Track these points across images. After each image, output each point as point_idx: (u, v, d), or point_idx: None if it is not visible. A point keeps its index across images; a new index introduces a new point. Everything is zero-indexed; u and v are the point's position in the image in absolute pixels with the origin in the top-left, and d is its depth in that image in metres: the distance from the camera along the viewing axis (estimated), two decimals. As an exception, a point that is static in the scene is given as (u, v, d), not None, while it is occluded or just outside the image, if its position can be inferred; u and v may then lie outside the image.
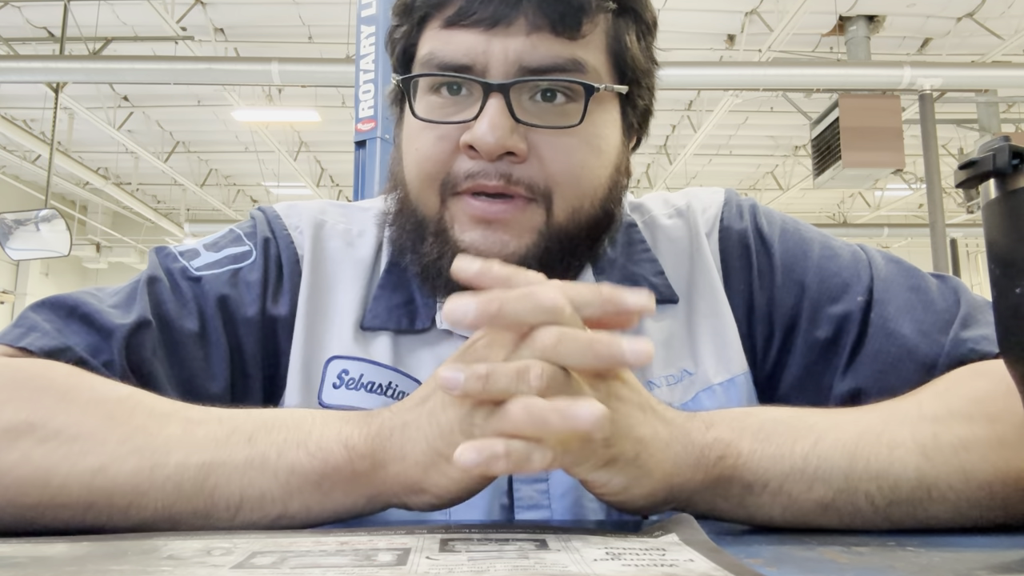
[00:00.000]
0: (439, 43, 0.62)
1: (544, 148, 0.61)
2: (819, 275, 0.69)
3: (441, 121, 0.62)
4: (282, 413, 0.52)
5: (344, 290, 0.69)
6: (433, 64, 0.62)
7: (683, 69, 5.58)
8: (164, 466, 0.48)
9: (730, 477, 0.50)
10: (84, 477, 0.48)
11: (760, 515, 0.51)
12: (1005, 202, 0.40)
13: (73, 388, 0.52)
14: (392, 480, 0.48)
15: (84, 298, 0.62)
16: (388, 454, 0.48)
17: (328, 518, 0.50)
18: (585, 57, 0.61)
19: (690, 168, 9.84)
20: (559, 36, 0.60)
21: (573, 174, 0.62)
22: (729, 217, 0.73)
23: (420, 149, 0.63)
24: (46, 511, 0.48)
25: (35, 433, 0.49)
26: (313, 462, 0.48)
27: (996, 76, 5.86)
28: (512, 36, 0.60)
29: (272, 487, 0.48)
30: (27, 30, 6.46)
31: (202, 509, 0.48)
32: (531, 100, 0.61)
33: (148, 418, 0.51)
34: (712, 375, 0.67)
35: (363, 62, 2.73)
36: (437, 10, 0.62)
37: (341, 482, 0.48)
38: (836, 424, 0.53)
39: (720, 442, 0.51)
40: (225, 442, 0.49)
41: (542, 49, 0.60)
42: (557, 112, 0.61)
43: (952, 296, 0.66)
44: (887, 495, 0.51)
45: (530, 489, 0.63)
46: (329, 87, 6.51)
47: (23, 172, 10.19)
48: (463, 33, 0.60)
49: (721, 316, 0.69)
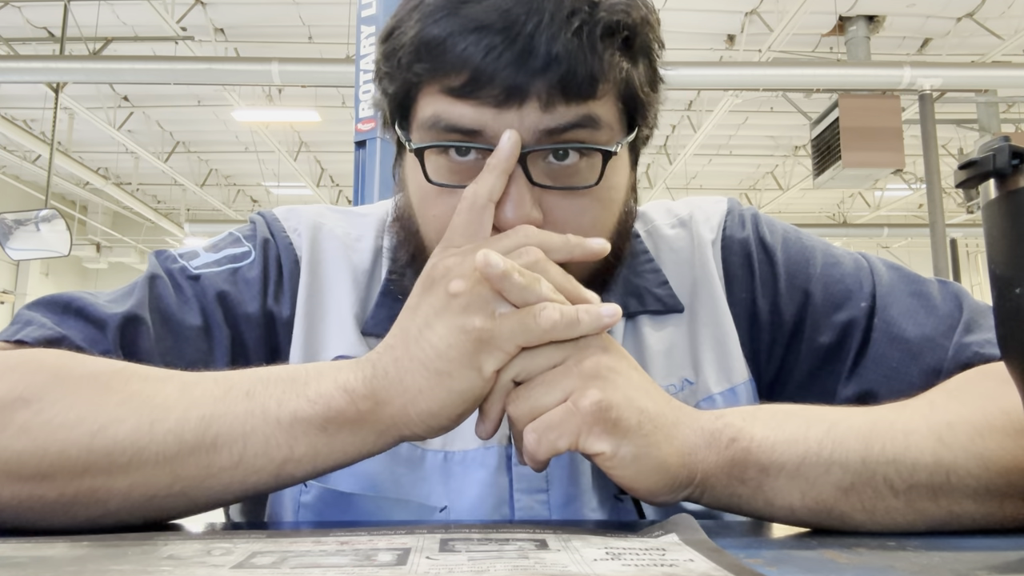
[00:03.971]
0: (444, 107, 0.56)
1: (557, 212, 0.58)
2: (822, 283, 0.69)
3: (457, 185, 0.58)
4: (275, 368, 0.52)
5: (342, 292, 0.69)
6: (441, 127, 0.57)
7: (683, 69, 5.58)
8: (164, 420, 0.49)
9: (744, 460, 0.50)
10: (83, 440, 0.48)
11: (780, 501, 0.51)
12: (1005, 202, 0.40)
13: (65, 366, 0.52)
14: (399, 413, 0.49)
15: (79, 294, 0.62)
16: (390, 391, 0.49)
17: (338, 459, 0.50)
18: (599, 112, 0.57)
19: (690, 168, 9.84)
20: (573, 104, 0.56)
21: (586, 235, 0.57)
22: (732, 226, 0.74)
23: (438, 217, 0.59)
24: (43, 481, 0.48)
25: (30, 407, 0.49)
26: (315, 408, 0.49)
27: (996, 76, 5.86)
28: (525, 111, 0.55)
29: (276, 432, 0.49)
30: (27, 30, 6.46)
31: (204, 460, 0.49)
32: (543, 160, 0.57)
33: (144, 383, 0.51)
34: (712, 385, 0.68)
35: (363, 62, 2.73)
36: (439, 78, 0.56)
37: (347, 424, 0.49)
38: (849, 414, 0.54)
39: (731, 426, 0.51)
40: (223, 397, 0.50)
41: (557, 115, 0.55)
42: (570, 172, 0.58)
43: (954, 301, 0.67)
44: (906, 479, 0.50)
45: (530, 499, 0.63)
46: (329, 87, 6.51)
47: (23, 172, 10.19)
48: (470, 106, 0.55)
49: (722, 326, 0.69)
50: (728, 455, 0.50)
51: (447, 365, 0.48)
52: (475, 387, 0.49)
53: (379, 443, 0.51)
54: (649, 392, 0.51)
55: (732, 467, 0.50)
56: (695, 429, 0.51)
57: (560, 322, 0.48)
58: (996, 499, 0.51)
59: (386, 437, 0.50)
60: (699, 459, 0.50)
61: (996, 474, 0.51)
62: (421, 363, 0.49)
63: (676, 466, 0.49)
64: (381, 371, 0.50)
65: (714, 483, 0.51)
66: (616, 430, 0.48)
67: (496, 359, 0.48)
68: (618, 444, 0.48)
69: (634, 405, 0.49)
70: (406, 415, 0.49)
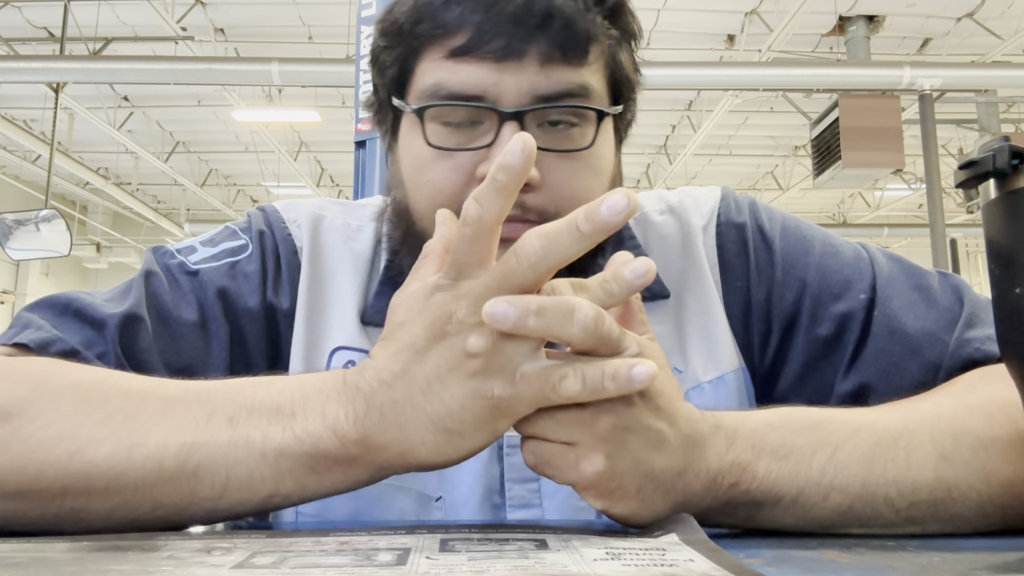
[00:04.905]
0: (446, 73, 0.60)
1: (552, 175, 0.61)
2: (821, 272, 0.68)
3: (457, 148, 0.61)
4: (259, 391, 0.48)
5: (343, 282, 0.69)
6: (442, 95, 0.60)
7: (683, 69, 5.58)
8: (143, 446, 0.46)
9: (740, 500, 0.49)
10: (60, 461, 0.47)
11: (771, 525, 0.50)
12: (1005, 202, 0.40)
13: (48, 376, 0.51)
14: (396, 458, 0.45)
15: (77, 295, 0.62)
16: (386, 436, 0.44)
17: (327, 493, 0.48)
18: (591, 82, 0.61)
19: (690, 168, 9.84)
20: (568, 64, 0.60)
21: (579, 199, 0.61)
22: (727, 212, 0.73)
23: (432, 181, 0.62)
24: (24, 500, 0.47)
25: (12, 422, 0.48)
26: (303, 447, 0.46)
27: (996, 76, 5.86)
28: (524, 68, 0.59)
29: (260, 467, 0.46)
30: (27, 30, 6.45)
31: (186, 488, 0.46)
32: (539, 127, 0.61)
33: (124, 399, 0.49)
34: (701, 373, 0.67)
35: (363, 62, 2.73)
36: (440, 39, 0.60)
37: (337, 464, 0.46)
38: (857, 429, 0.52)
39: (737, 467, 0.48)
40: (206, 423, 0.47)
41: (554, 77, 0.59)
42: (565, 137, 0.62)
43: (955, 295, 0.66)
44: (907, 497, 0.50)
45: (521, 488, 0.63)
46: (329, 87, 6.50)
47: (23, 172, 10.19)
48: (472, 65, 0.59)
49: (711, 314, 0.69)
50: (725, 498, 0.49)
51: (460, 426, 0.43)
52: (485, 444, 0.45)
53: (372, 480, 0.48)
54: (663, 445, 0.46)
55: (726, 506, 0.49)
56: (699, 473, 0.48)
57: (583, 392, 0.42)
58: (999, 513, 0.51)
59: (379, 476, 0.48)
60: (694, 503, 0.48)
61: (999, 488, 0.50)
62: (428, 416, 0.44)
63: (666, 511, 0.48)
64: (376, 411, 0.44)
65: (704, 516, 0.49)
66: (612, 496, 0.46)
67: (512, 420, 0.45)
68: (611, 505, 0.46)
69: (640, 470, 0.45)
70: (404, 461, 0.46)
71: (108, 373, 0.52)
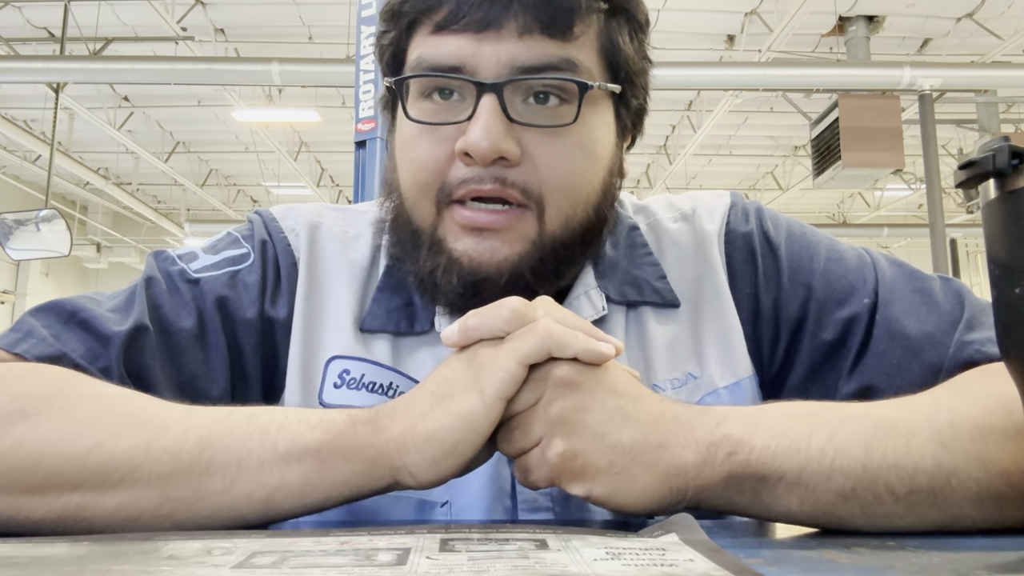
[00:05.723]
0: (428, 48, 0.61)
1: (537, 152, 0.61)
2: (825, 278, 0.69)
3: (435, 122, 0.62)
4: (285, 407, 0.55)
5: (341, 291, 0.69)
6: (423, 67, 0.61)
7: (683, 69, 5.58)
8: (161, 439, 0.49)
9: (742, 472, 0.50)
10: (78, 455, 0.48)
11: (777, 507, 0.51)
12: (1005, 202, 0.40)
13: (67, 384, 0.53)
14: (395, 439, 0.49)
15: (83, 303, 0.61)
16: (392, 417, 0.50)
17: (327, 492, 0.49)
18: (578, 57, 0.61)
19: (690, 168, 9.84)
20: (551, 38, 0.60)
21: (566, 179, 0.61)
22: (735, 220, 0.74)
23: (415, 158, 0.63)
24: (34, 497, 0.48)
25: (28, 420, 0.49)
26: (314, 432, 0.49)
27: (996, 76, 5.86)
28: (503, 39, 0.59)
29: (270, 456, 0.49)
30: (27, 30, 6.45)
31: (196, 482, 0.48)
32: (524, 103, 0.61)
33: (146, 402, 0.52)
34: (717, 379, 0.68)
35: (363, 62, 2.74)
36: (425, 15, 0.61)
37: (342, 448, 0.49)
38: (852, 417, 0.53)
39: (730, 439, 0.50)
40: (225, 419, 0.50)
41: (535, 49, 0.59)
42: (550, 114, 0.61)
43: (956, 298, 0.67)
44: (907, 483, 0.50)
45: (533, 492, 0.63)
46: (329, 87, 6.50)
47: (23, 172, 10.19)
48: (453, 37, 0.60)
49: (726, 320, 0.69)
50: (725, 469, 0.49)
51: (450, 388, 0.49)
52: (475, 411, 0.48)
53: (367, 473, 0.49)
54: (628, 418, 0.50)
55: (728, 479, 0.50)
56: (688, 445, 0.50)
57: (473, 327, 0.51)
58: (996, 502, 0.51)
59: (376, 468, 0.49)
60: (690, 477, 0.49)
61: (997, 477, 0.51)
62: (428, 391, 0.50)
63: (660, 489, 0.49)
64: (389, 405, 0.51)
65: (709, 495, 0.50)
66: (584, 475, 0.48)
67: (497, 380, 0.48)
68: (590, 486, 0.48)
69: (604, 444, 0.48)
70: (402, 442, 0.49)
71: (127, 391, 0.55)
